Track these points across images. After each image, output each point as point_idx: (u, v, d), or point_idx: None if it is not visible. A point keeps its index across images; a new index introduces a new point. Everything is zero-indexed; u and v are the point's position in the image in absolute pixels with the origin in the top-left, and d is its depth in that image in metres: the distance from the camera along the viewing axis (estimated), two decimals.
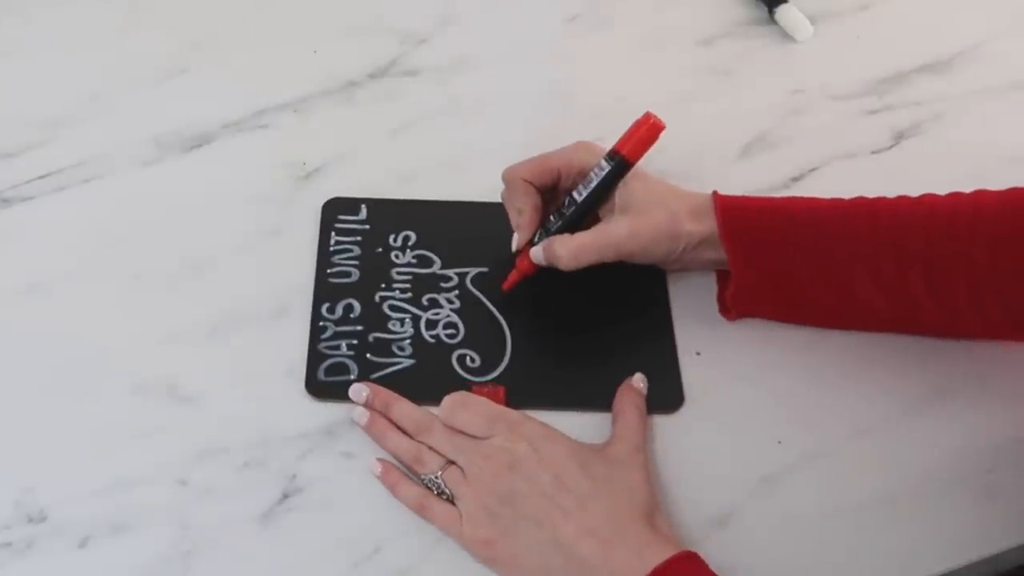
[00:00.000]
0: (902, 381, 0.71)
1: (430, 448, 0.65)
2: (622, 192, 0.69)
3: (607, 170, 0.69)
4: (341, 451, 0.67)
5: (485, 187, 0.77)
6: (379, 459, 0.66)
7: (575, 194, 0.70)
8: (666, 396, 0.69)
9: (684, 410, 0.69)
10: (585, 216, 0.71)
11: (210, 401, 0.68)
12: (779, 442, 0.68)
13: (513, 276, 0.73)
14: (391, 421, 0.67)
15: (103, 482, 0.65)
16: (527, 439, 0.64)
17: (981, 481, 0.67)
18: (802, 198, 0.70)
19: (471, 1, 0.93)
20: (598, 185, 0.69)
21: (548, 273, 0.72)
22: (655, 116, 0.68)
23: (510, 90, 0.87)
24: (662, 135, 0.68)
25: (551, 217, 0.72)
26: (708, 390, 0.70)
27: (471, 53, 0.89)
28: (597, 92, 0.86)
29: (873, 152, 0.84)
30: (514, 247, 0.72)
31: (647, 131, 0.68)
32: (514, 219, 0.72)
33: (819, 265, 0.68)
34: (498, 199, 0.75)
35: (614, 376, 0.69)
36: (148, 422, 0.67)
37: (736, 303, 0.71)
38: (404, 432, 0.66)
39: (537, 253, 0.71)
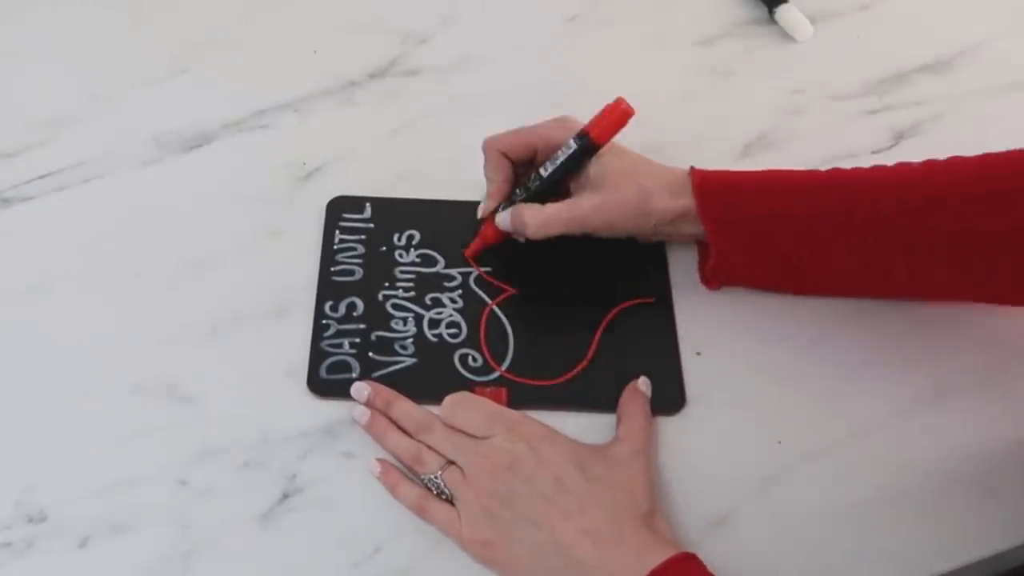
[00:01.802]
0: (902, 381, 0.71)
1: (430, 448, 0.66)
2: (595, 167, 0.71)
3: (573, 149, 0.71)
4: (341, 451, 0.67)
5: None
6: (379, 459, 0.66)
7: (541, 170, 0.72)
8: (668, 397, 0.69)
9: (684, 411, 0.69)
10: (548, 191, 0.72)
11: (210, 401, 0.68)
12: (779, 442, 0.68)
13: (476, 243, 0.75)
14: (391, 420, 0.67)
15: (103, 482, 0.65)
16: (526, 439, 0.64)
17: (981, 481, 0.67)
18: (778, 171, 0.71)
19: (472, 1, 0.93)
20: (563, 163, 0.71)
21: (551, 274, 0.72)
22: (626, 102, 0.70)
23: (511, 90, 0.87)
24: (634, 121, 0.70)
25: (516, 190, 0.74)
26: (708, 391, 0.70)
27: (472, 53, 0.89)
28: (597, 92, 0.86)
29: (873, 152, 0.84)
30: (480, 215, 0.75)
31: (618, 116, 0.70)
32: (487, 188, 0.75)
33: (796, 237, 0.69)
34: None
35: (615, 377, 0.69)
36: (148, 422, 0.67)
37: (716, 274, 0.72)
38: (404, 431, 0.66)
39: (504, 219, 0.72)
